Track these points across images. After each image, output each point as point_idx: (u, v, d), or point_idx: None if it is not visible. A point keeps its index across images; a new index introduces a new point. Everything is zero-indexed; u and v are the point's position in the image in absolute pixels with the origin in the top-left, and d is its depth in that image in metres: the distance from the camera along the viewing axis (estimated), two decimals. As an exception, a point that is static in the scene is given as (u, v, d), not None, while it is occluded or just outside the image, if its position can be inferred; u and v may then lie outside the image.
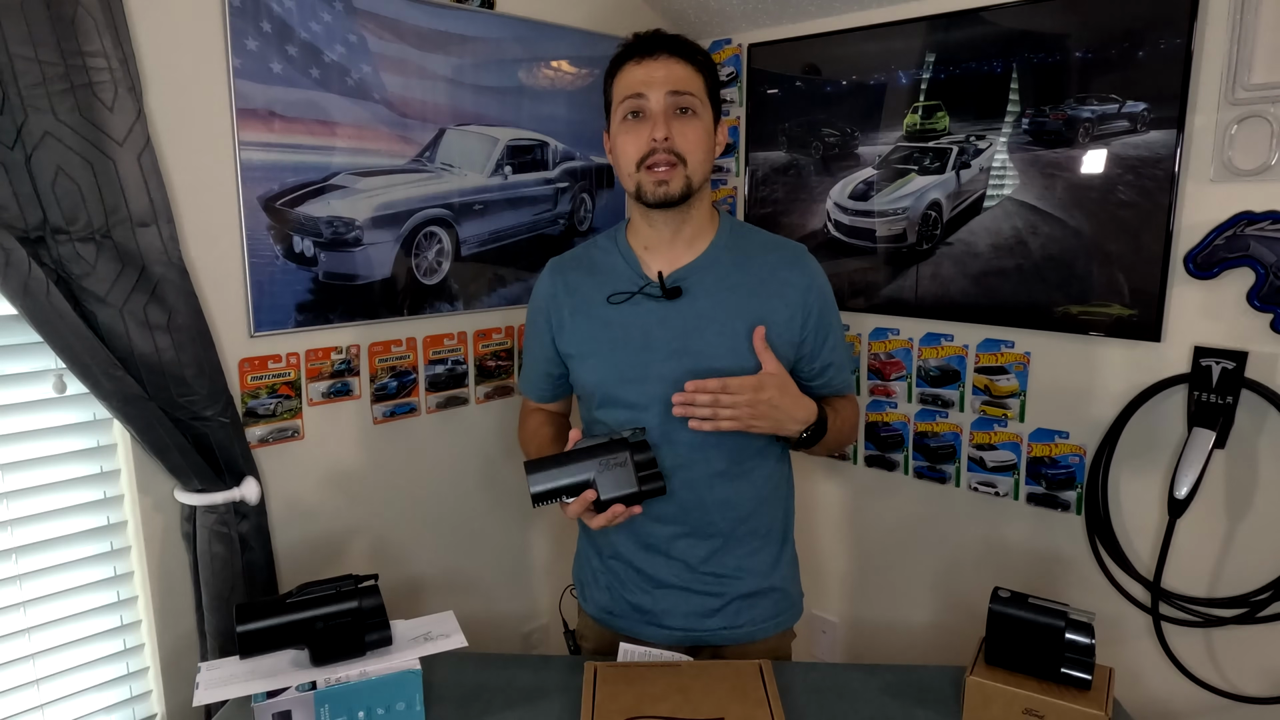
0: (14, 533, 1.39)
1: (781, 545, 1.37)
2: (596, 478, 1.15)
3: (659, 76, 1.19)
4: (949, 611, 2.04)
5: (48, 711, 1.44)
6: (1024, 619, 1.11)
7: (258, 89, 1.51)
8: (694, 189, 1.22)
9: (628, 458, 1.16)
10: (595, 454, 1.16)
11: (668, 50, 1.21)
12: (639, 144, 1.20)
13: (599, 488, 1.15)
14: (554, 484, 1.15)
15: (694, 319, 1.24)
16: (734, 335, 1.23)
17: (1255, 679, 1.60)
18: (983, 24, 1.77)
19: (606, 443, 1.17)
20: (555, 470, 1.16)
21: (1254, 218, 1.49)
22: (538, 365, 1.39)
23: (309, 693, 1.05)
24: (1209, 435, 1.54)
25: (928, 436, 1.99)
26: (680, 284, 1.25)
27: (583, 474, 1.15)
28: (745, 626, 1.32)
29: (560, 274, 1.34)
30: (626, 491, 1.15)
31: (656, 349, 1.24)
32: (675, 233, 1.27)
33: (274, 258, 1.58)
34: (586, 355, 1.30)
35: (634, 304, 1.26)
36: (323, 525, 1.74)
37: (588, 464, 1.16)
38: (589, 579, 1.40)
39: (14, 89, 1.19)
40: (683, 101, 1.20)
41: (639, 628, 1.33)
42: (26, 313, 1.24)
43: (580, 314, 1.30)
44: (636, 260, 1.29)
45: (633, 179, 1.22)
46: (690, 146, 1.20)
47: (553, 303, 1.33)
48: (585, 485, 1.15)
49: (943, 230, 1.89)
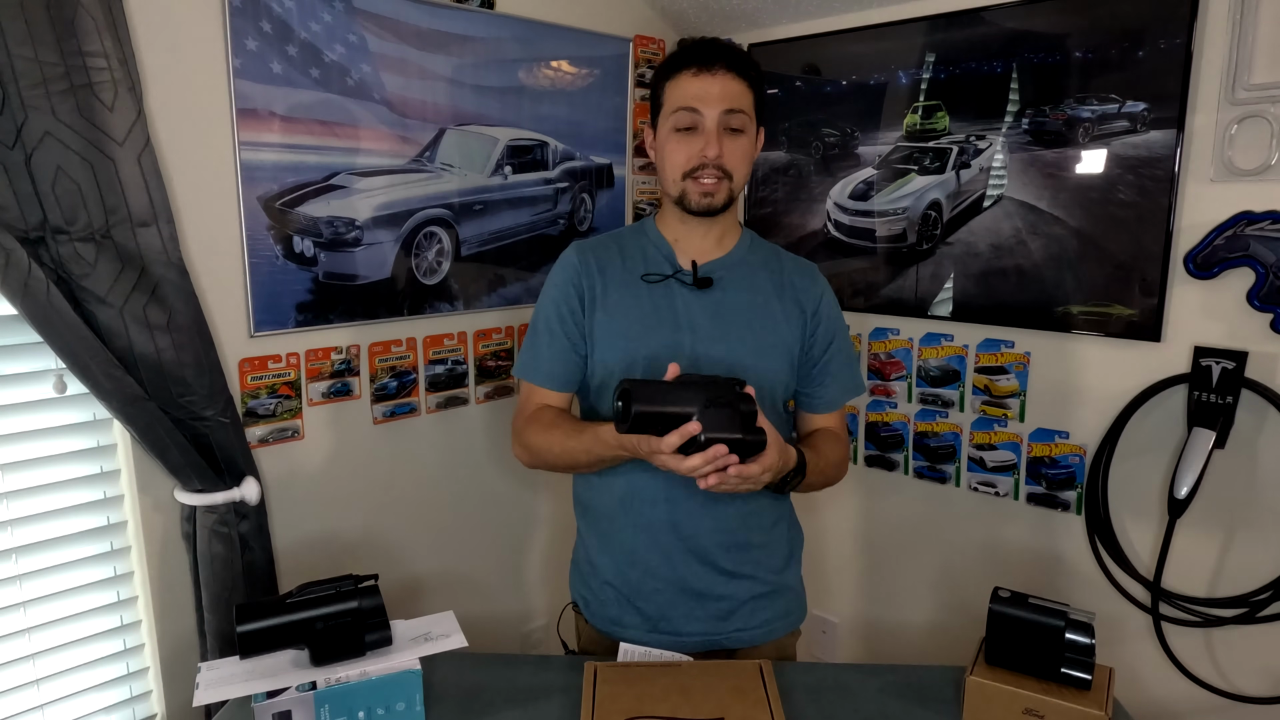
0: (14, 533, 1.39)
1: (790, 545, 1.37)
2: (701, 413, 1.03)
3: (715, 93, 1.20)
4: (949, 611, 2.04)
5: (48, 711, 1.44)
6: (1024, 619, 1.11)
7: (258, 89, 1.51)
8: (733, 199, 1.28)
9: (734, 401, 1.05)
10: (703, 389, 1.05)
11: (725, 64, 1.21)
12: (689, 155, 1.23)
13: (704, 423, 1.03)
14: (659, 407, 1.03)
15: (725, 308, 1.28)
16: (759, 331, 1.28)
17: (1255, 679, 1.60)
18: (983, 24, 1.77)
19: (714, 380, 1.07)
20: (659, 394, 1.04)
21: (1254, 218, 1.49)
22: (560, 348, 1.31)
23: (309, 693, 1.05)
24: (1209, 435, 1.54)
25: (928, 436, 1.99)
26: (710, 275, 1.29)
27: (689, 405, 1.03)
28: (760, 627, 1.32)
29: (589, 250, 1.33)
30: (732, 435, 1.04)
31: (690, 332, 1.26)
32: (707, 231, 1.31)
33: (274, 258, 1.58)
34: (620, 332, 1.27)
35: (666, 286, 1.28)
36: (323, 525, 1.74)
37: (693, 396, 1.04)
38: (592, 595, 1.36)
39: (14, 89, 1.19)
40: (735, 121, 1.22)
41: (648, 636, 1.30)
42: (26, 313, 1.24)
43: (613, 289, 1.29)
44: (669, 247, 1.31)
45: (677, 185, 1.25)
46: (737, 163, 1.24)
47: (584, 279, 1.29)
48: (688, 417, 1.03)
49: (943, 230, 1.89)
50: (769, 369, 1.27)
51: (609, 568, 1.33)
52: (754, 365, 1.25)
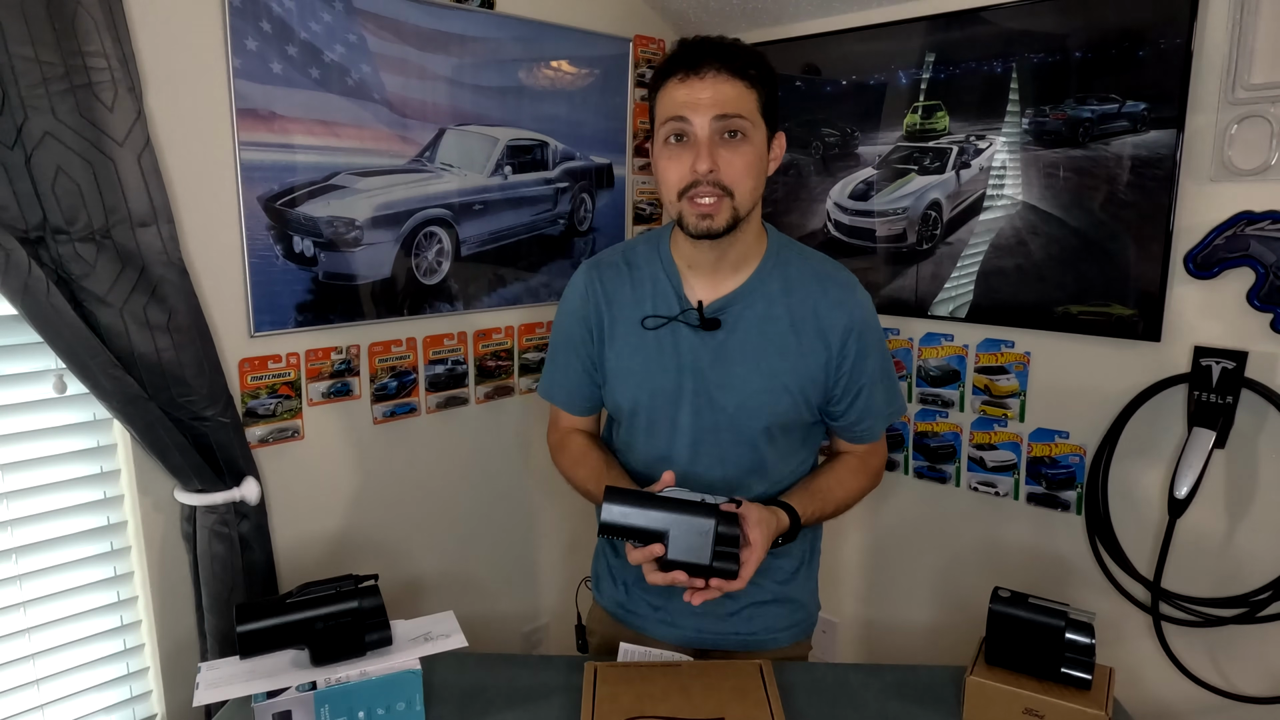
0: (14, 533, 1.39)
1: (800, 559, 1.35)
2: (671, 532, 1.05)
3: (704, 99, 1.07)
4: (949, 611, 2.04)
5: (48, 711, 1.44)
6: (1024, 619, 1.11)
7: (258, 89, 1.51)
8: (741, 219, 1.12)
9: (711, 527, 1.05)
10: (681, 509, 1.06)
11: (716, 65, 1.07)
12: (681, 172, 1.09)
13: (669, 545, 1.05)
14: (627, 522, 1.06)
15: (732, 349, 1.19)
16: (767, 374, 1.19)
17: (1255, 679, 1.60)
18: (983, 24, 1.77)
19: (698, 504, 1.07)
20: (634, 508, 1.06)
21: (1254, 217, 1.49)
22: (576, 374, 1.29)
23: (309, 693, 1.05)
24: (1209, 435, 1.54)
25: (928, 436, 1.99)
26: (719, 314, 1.18)
27: (660, 524, 1.05)
28: (759, 633, 1.31)
29: (597, 278, 1.25)
30: (695, 562, 1.05)
31: (693, 376, 1.19)
32: (720, 258, 1.18)
33: (274, 258, 1.58)
34: (624, 373, 1.23)
35: (671, 329, 1.20)
36: (323, 525, 1.74)
37: (668, 516, 1.05)
38: (604, 572, 1.39)
39: (14, 89, 1.19)
40: (731, 125, 1.08)
41: (651, 626, 1.32)
42: (26, 313, 1.24)
43: (619, 326, 1.23)
44: (679, 278, 1.21)
45: (674, 207, 1.13)
46: (738, 176, 1.09)
47: (592, 308, 1.25)
48: (658, 536, 1.05)
49: (943, 230, 1.89)
50: (780, 408, 1.20)
51: (616, 554, 1.35)
52: (761, 405, 1.19)
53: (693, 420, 1.21)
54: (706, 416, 1.20)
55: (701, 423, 1.20)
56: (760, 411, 1.19)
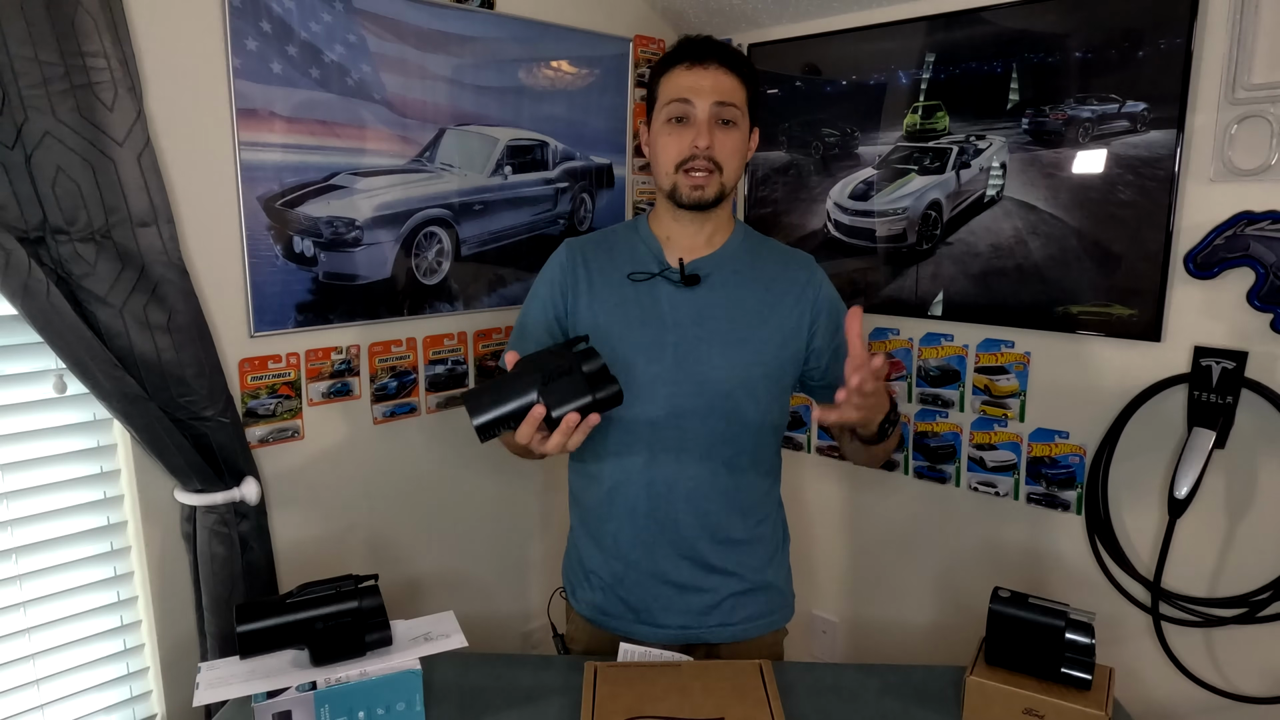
0: (14, 533, 1.39)
1: (774, 544, 1.37)
2: (541, 393, 1.02)
3: (707, 85, 1.23)
4: (949, 611, 2.04)
5: (48, 711, 1.44)
6: (1024, 619, 1.11)
7: (258, 89, 1.51)
8: (725, 194, 1.28)
9: (574, 364, 1.04)
10: (537, 368, 1.04)
11: (718, 59, 1.24)
12: (680, 147, 1.24)
13: (547, 403, 1.02)
14: (498, 411, 1.03)
15: (713, 305, 1.28)
16: (749, 325, 1.28)
17: (1255, 679, 1.60)
18: (983, 24, 1.77)
19: (546, 353, 1.07)
20: (496, 395, 1.03)
21: (1254, 217, 1.49)
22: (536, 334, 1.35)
23: (309, 693, 1.05)
24: (1209, 435, 1.54)
25: (928, 436, 1.99)
26: (698, 272, 1.29)
27: (527, 394, 1.02)
28: (740, 624, 1.33)
29: (578, 250, 1.36)
30: (579, 402, 1.02)
31: (675, 329, 1.27)
32: (699, 229, 1.31)
33: (274, 258, 1.58)
34: (604, 328, 1.29)
35: (652, 285, 1.30)
36: (323, 525, 1.74)
37: (529, 380, 1.03)
38: (579, 579, 1.39)
39: (14, 89, 1.19)
40: (726, 113, 1.24)
41: (633, 626, 1.32)
42: (26, 313, 1.24)
43: (599, 287, 1.32)
44: (659, 245, 1.33)
45: (670, 178, 1.27)
46: (728, 155, 1.25)
47: (569, 275, 1.33)
48: (531, 406, 1.03)
49: (943, 230, 1.89)
50: (763, 359, 1.28)
51: (594, 557, 1.35)
52: (744, 358, 1.27)
53: (674, 372, 1.25)
54: (689, 368, 1.25)
55: (682, 374, 1.25)
56: (740, 364, 1.26)
